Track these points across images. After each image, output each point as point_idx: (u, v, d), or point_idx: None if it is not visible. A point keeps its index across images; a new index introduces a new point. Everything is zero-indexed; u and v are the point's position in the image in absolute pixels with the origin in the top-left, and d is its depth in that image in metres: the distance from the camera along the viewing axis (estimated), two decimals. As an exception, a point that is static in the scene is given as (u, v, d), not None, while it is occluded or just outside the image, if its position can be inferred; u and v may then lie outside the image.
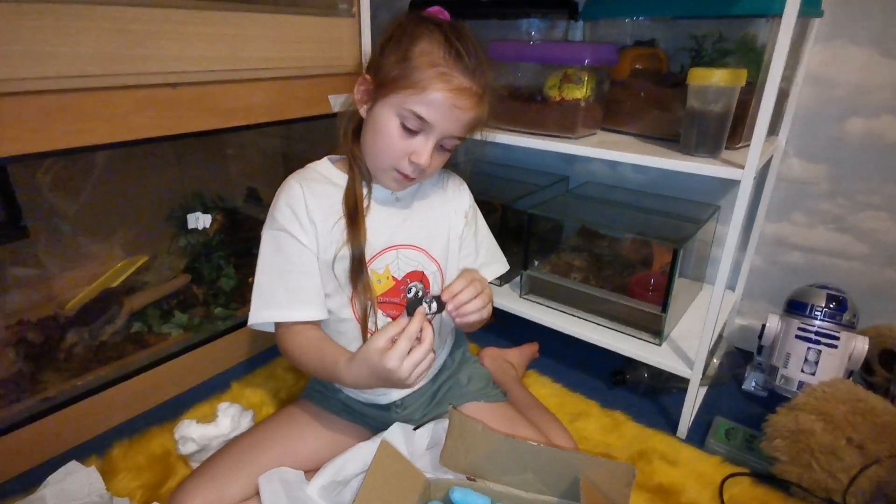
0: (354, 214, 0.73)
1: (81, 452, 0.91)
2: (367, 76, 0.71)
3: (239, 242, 1.28)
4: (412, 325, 0.63)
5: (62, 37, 0.75)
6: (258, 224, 0.78)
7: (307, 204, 0.73)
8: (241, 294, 1.24)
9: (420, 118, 0.67)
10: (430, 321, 0.66)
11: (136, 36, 0.82)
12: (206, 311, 1.20)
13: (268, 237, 0.75)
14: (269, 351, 1.21)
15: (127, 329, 1.10)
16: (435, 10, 0.72)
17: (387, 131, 0.69)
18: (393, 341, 0.62)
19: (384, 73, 0.68)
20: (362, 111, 0.73)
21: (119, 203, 1.21)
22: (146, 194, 1.25)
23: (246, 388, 1.07)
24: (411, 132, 0.68)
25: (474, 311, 0.70)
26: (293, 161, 0.81)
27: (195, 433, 0.87)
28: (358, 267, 0.73)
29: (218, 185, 1.35)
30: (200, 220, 1.14)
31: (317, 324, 0.76)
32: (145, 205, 1.25)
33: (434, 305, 0.68)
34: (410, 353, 0.62)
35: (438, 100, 0.65)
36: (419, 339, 0.63)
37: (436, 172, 0.78)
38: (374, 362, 0.62)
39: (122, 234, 1.23)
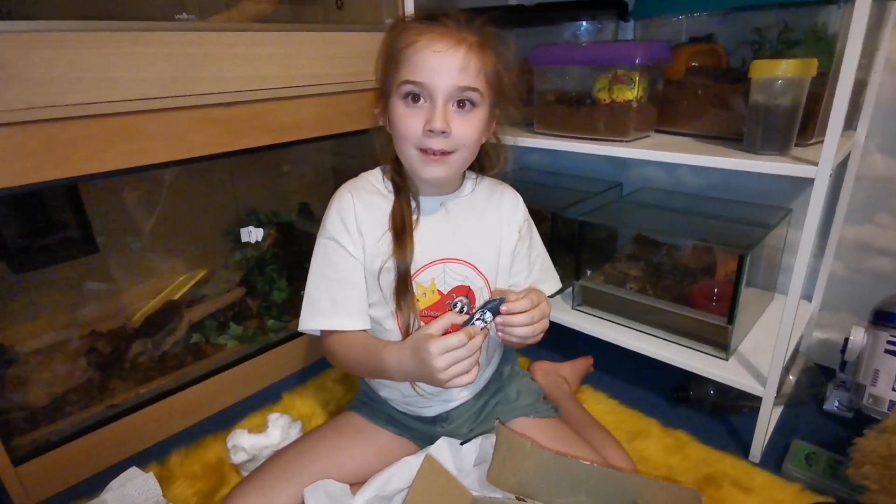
0: (402, 232, 0.73)
1: (142, 459, 0.94)
2: (379, 100, 0.74)
3: (291, 256, 1.31)
4: (476, 340, 0.62)
5: (125, 62, 0.80)
6: (310, 238, 0.79)
7: (356, 214, 0.74)
8: (293, 306, 1.26)
9: (413, 82, 0.66)
10: (485, 331, 0.65)
11: (191, 59, 0.86)
12: (260, 322, 1.23)
13: (319, 245, 0.76)
14: (319, 363, 1.22)
15: (186, 340, 1.15)
16: None
17: (398, 116, 0.69)
18: (446, 332, 0.63)
19: (383, 81, 0.71)
20: (382, 121, 0.75)
21: (180, 219, 1.27)
22: (205, 210, 1.31)
23: (296, 399, 1.09)
24: (417, 105, 0.68)
25: (521, 331, 0.68)
26: (344, 175, 0.83)
27: (246, 443, 0.89)
28: (403, 284, 0.73)
29: (272, 201, 1.40)
30: (253, 234, 1.17)
31: (361, 331, 0.76)
32: (204, 220, 1.31)
33: (488, 315, 0.66)
34: (453, 337, 0.61)
35: (420, 55, 0.66)
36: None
37: (471, 138, 0.70)
38: (419, 345, 0.63)
39: (183, 248, 1.29)
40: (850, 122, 0.98)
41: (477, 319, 0.65)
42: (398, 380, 0.71)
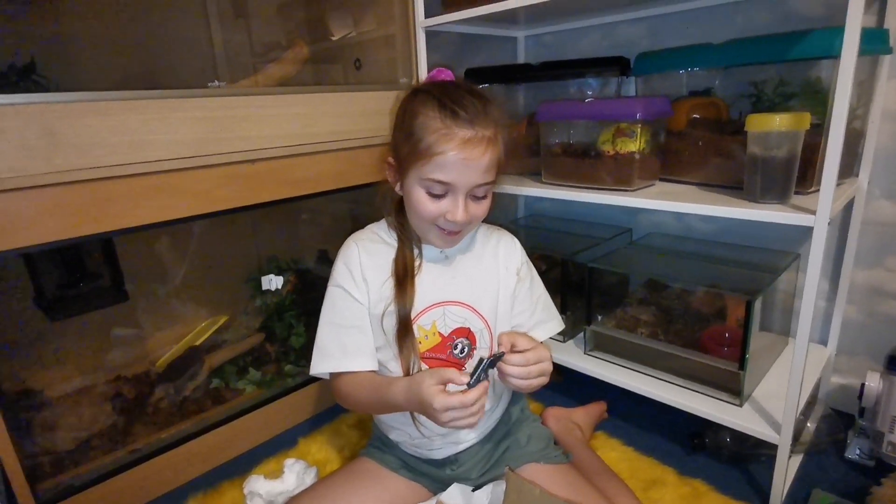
0: (403, 278, 0.78)
1: (161, 504, 0.96)
2: (391, 159, 0.78)
3: (310, 302, 1.35)
4: (470, 395, 0.64)
5: (162, 126, 0.87)
6: (327, 284, 0.83)
7: (361, 262, 0.79)
8: (310, 351, 1.28)
9: (440, 182, 0.71)
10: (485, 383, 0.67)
11: (221, 121, 0.94)
12: (278, 367, 1.26)
13: (328, 293, 0.81)
14: (334, 407, 1.24)
15: (207, 385, 1.18)
16: (434, 74, 0.79)
17: (418, 202, 0.74)
18: (444, 383, 0.65)
19: (400, 153, 0.75)
20: (397, 189, 0.79)
21: (204, 268, 1.32)
22: (228, 259, 1.37)
23: (312, 445, 1.10)
24: (439, 196, 0.72)
25: (517, 382, 0.70)
26: (361, 224, 0.88)
27: (262, 489, 0.90)
28: (404, 328, 0.76)
29: (292, 249, 1.45)
30: (273, 282, 1.22)
31: (369, 372, 0.79)
32: (227, 269, 1.36)
33: (489, 372, 0.68)
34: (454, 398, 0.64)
35: (449, 160, 0.69)
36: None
37: (480, 220, 0.79)
38: (423, 399, 0.65)
39: (206, 296, 1.34)
40: (851, 170, 1.00)
41: (479, 380, 0.67)
42: (406, 409, 0.73)
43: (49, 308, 0.96)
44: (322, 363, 0.80)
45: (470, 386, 0.65)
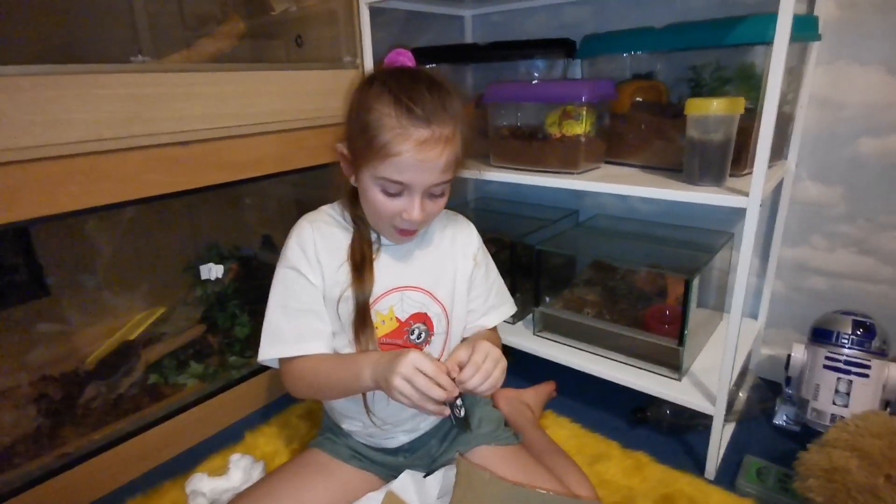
0: (361, 265, 0.75)
1: (96, 509, 0.91)
2: (344, 151, 0.74)
3: (254, 290, 1.30)
4: (443, 377, 0.64)
5: (80, 104, 0.80)
6: (273, 271, 0.79)
7: (315, 243, 0.75)
8: (256, 341, 1.23)
9: (396, 182, 0.68)
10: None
11: (148, 99, 0.87)
12: (221, 359, 1.21)
13: (279, 275, 0.77)
14: (283, 399, 1.21)
15: (143, 381, 1.12)
16: (392, 57, 0.74)
17: (373, 199, 0.71)
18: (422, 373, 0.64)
19: (354, 147, 0.71)
20: (352, 181, 0.75)
21: (137, 257, 1.24)
22: (165, 247, 1.30)
23: (259, 438, 1.07)
24: (394, 195, 0.70)
25: (482, 386, 0.68)
26: (307, 208, 0.84)
27: (206, 487, 0.87)
28: (361, 316, 0.74)
29: (234, 235, 1.39)
30: (213, 271, 1.16)
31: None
32: (163, 257, 1.29)
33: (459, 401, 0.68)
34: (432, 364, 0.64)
35: (405, 161, 0.66)
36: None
37: (435, 217, 0.78)
38: (408, 352, 0.65)
39: (141, 286, 1.26)
40: (781, 152, 1.05)
41: (456, 408, 0.67)
42: (364, 376, 0.69)
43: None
44: (274, 348, 0.75)
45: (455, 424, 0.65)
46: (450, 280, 0.82)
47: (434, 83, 0.69)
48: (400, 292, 0.78)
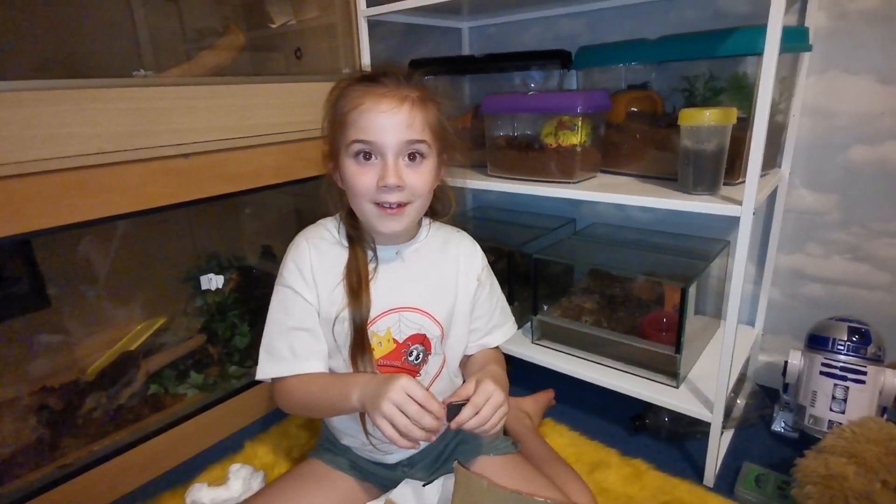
0: (357, 287, 0.74)
1: (95, 520, 0.91)
2: (325, 149, 0.76)
3: (254, 300, 1.31)
4: (433, 404, 0.64)
5: (82, 118, 0.81)
6: (273, 281, 0.79)
7: (312, 263, 0.75)
8: (256, 351, 1.23)
9: (362, 142, 0.69)
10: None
11: (148, 113, 0.88)
12: (221, 369, 1.21)
13: (276, 293, 0.77)
14: (283, 408, 1.21)
15: (144, 391, 1.12)
16: None
17: (351, 174, 0.71)
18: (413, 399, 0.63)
19: (331, 139, 0.74)
20: (338, 182, 0.76)
21: (138, 268, 1.25)
22: (166, 257, 1.30)
23: (259, 448, 1.07)
24: (368, 163, 0.70)
25: (480, 430, 0.67)
26: (307, 218, 0.84)
27: (206, 497, 0.87)
28: (359, 337, 0.74)
29: (234, 245, 1.40)
30: (213, 281, 1.17)
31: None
32: (163, 268, 1.29)
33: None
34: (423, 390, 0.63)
35: (365, 116, 0.68)
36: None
37: (424, 188, 0.73)
38: (398, 378, 0.64)
39: (141, 297, 1.27)
40: (774, 161, 1.07)
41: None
42: (352, 398, 0.68)
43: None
44: (271, 367, 0.75)
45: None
46: (450, 301, 0.81)
47: (401, 67, 0.74)
48: (398, 313, 0.77)
